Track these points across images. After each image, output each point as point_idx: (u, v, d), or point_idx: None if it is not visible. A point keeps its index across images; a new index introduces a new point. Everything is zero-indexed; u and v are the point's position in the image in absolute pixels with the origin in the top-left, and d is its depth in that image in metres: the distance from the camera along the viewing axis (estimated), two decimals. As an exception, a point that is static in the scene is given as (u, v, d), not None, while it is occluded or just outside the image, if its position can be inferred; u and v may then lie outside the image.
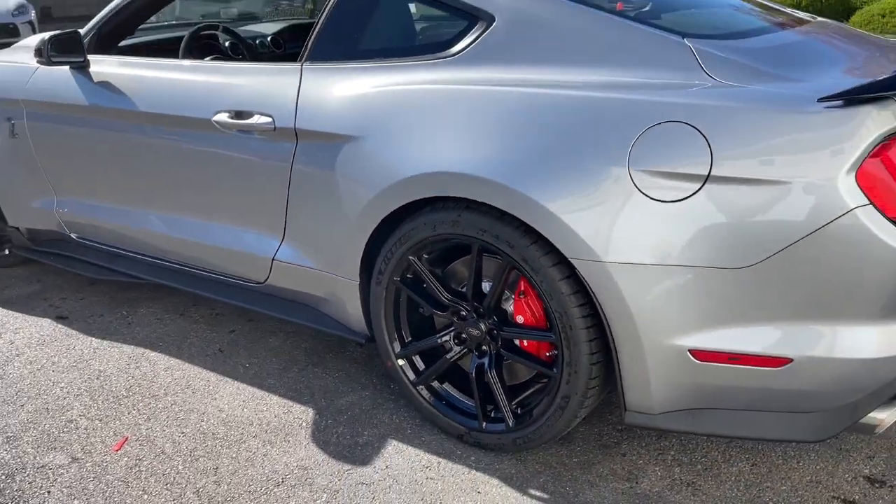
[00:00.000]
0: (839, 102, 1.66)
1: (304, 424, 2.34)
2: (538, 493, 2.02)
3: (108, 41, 2.98)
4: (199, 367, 2.69)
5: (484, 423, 2.16)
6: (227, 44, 3.39)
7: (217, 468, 2.16)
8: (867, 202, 1.62)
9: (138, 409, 2.45)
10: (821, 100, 1.66)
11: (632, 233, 1.77)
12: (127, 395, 2.53)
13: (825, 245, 1.64)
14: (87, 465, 2.19)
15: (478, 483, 2.07)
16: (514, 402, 2.13)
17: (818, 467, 2.09)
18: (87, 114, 2.81)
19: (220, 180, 2.53)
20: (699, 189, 1.71)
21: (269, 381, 2.59)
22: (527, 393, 2.16)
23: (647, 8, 2.67)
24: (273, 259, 2.49)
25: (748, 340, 1.76)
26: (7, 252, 3.55)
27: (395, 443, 2.24)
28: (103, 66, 2.82)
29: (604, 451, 2.19)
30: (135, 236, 2.90)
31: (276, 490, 2.06)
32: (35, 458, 2.23)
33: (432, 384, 2.27)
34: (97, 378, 2.64)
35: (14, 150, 3.13)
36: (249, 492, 2.06)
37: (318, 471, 2.13)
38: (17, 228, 3.32)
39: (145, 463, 2.19)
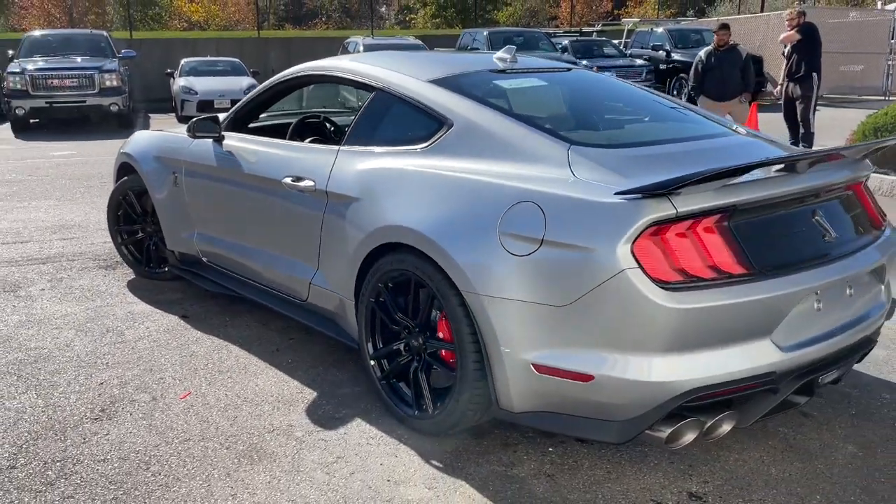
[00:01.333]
0: (635, 196, 2.35)
1: (306, 401, 3.25)
2: (436, 462, 2.77)
3: (240, 122, 4.19)
4: (257, 357, 3.71)
5: (416, 411, 2.95)
6: (331, 129, 4.52)
7: (236, 417, 3.12)
8: (636, 266, 2.29)
9: (206, 378, 3.49)
10: (616, 193, 2.37)
11: (497, 276, 2.54)
12: (203, 368, 3.59)
13: (609, 294, 2.33)
14: (160, 403, 3.24)
15: (399, 451, 2.85)
16: (437, 399, 2.90)
17: (657, 480, 2.65)
18: (215, 172, 4.02)
19: (284, 223, 3.57)
20: (537, 249, 2.46)
21: (299, 373, 3.54)
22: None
23: (646, 119, 3.45)
24: (310, 283, 3.46)
25: (566, 359, 2.45)
26: (166, 269, 4.84)
27: (358, 420, 3.09)
28: (230, 140, 4.01)
29: (503, 447, 2.88)
30: (236, 261, 4.02)
31: (266, 435, 2.98)
32: (132, 394, 3.32)
33: (391, 381, 3.09)
34: (190, 356, 3.73)
35: (175, 195, 4.41)
36: (249, 432, 2.99)
37: (299, 428, 3.02)
38: (173, 252, 4.59)
39: (195, 408, 3.20)
